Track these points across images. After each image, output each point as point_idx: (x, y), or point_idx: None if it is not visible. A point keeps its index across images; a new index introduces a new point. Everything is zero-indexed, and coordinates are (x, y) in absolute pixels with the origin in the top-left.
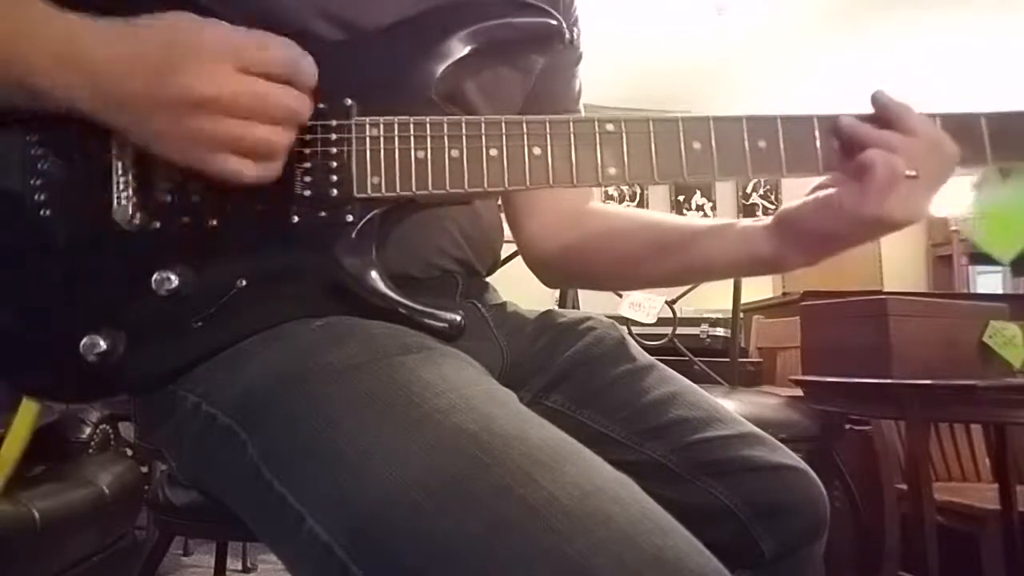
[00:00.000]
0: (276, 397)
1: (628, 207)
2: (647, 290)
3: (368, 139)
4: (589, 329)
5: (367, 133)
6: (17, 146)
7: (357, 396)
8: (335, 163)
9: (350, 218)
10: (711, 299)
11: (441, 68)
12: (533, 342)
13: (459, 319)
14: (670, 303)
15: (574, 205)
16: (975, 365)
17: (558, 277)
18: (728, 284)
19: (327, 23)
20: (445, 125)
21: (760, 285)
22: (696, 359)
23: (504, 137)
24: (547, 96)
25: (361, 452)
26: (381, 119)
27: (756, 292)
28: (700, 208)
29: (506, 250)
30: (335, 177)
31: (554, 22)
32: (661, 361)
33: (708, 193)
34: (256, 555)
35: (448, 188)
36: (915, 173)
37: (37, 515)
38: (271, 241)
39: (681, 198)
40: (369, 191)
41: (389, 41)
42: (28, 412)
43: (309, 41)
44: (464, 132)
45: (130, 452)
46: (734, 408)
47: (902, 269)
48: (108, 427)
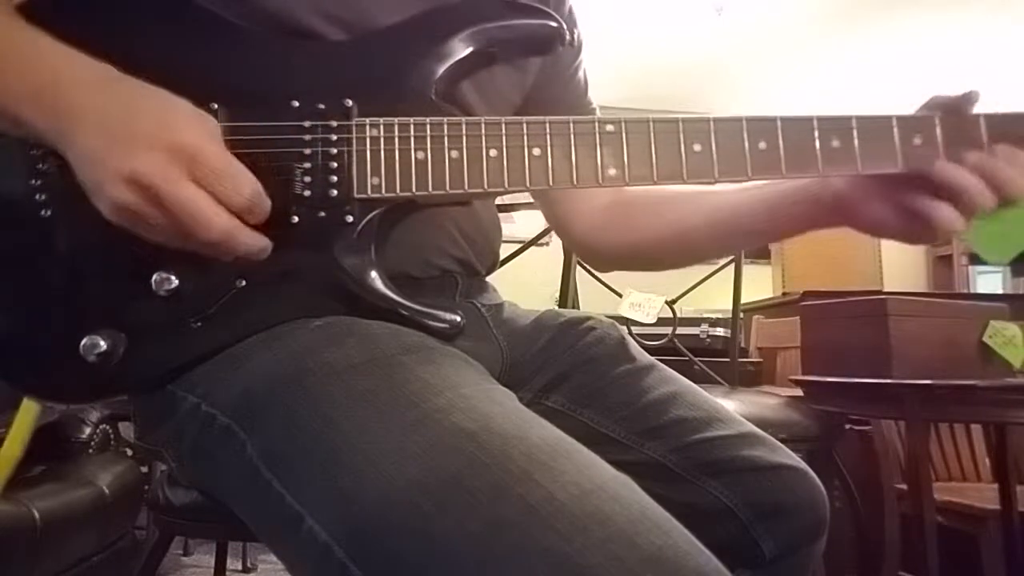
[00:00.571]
0: (275, 397)
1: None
2: (647, 290)
3: (368, 139)
4: (589, 329)
5: (367, 134)
6: (18, 147)
7: (356, 396)
8: (335, 163)
9: (350, 218)
10: (711, 299)
11: (441, 69)
12: (533, 342)
13: (458, 319)
14: (670, 303)
15: (614, 195)
16: (975, 365)
17: (613, 268)
18: (728, 284)
19: (327, 23)
20: (445, 126)
21: (760, 285)
22: (696, 359)
23: (504, 138)
24: (549, 95)
25: (360, 452)
26: (381, 120)
27: (756, 292)
28: None
29: (506, 250)
30: (335, 177)
31: (554, 24)
32: (661, 361)
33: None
34: (256, 555)
35: (448, 189)
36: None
37: (37, 515)
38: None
39: None
40: (369, 192)
41: (389, 42)
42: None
43: (309, 41)
44: (464, 133)
45: (130, 452)
46: (734, 408)
47: (902, 269)
48: (108, 427)
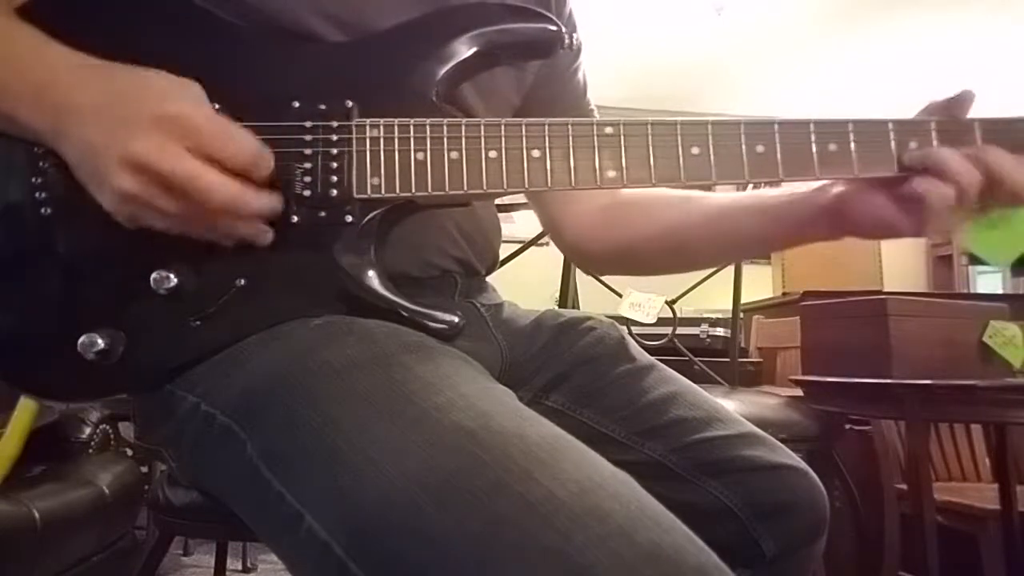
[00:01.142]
0: (275, 396)
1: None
2: (647, 290)
3: (368, 140)
4: (589, 329)
5: (367, 134)
6: (19, 145)
7: (356, 395)
8: (335, 164)
9: (350, 219)
10: (711, 299)
11: (442, 71)
12: (533, 342)
13: (457, 319)
14: (670, 303)
15: (608, 198)
16: (975, 365)
17: (604, 271)
18: (728, 284)
19: (328, 24)
20: (445, 127)
21: (760, 285)
22: (696, 359)
23: (503, 139)
24: (548, 95)
25: (360, 450)
26: (381, 120)
27: (756, 292)
28: None
29: (506, 250)
30: (335, 178)
31: (554, 27)
32: (661, 361)
33: (708, 189)
34: (256, 555)
35: (447, 189)
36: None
37: (37, 515)
38: (272, 240)
39: None
40: (369, 192)
41: (390, 43)
42: (26, 410)
43: (309, 42)
44: (463, 134)
45: (130, 452)
46: (734, 408)
47: (902, 269)
48: (108, 427)
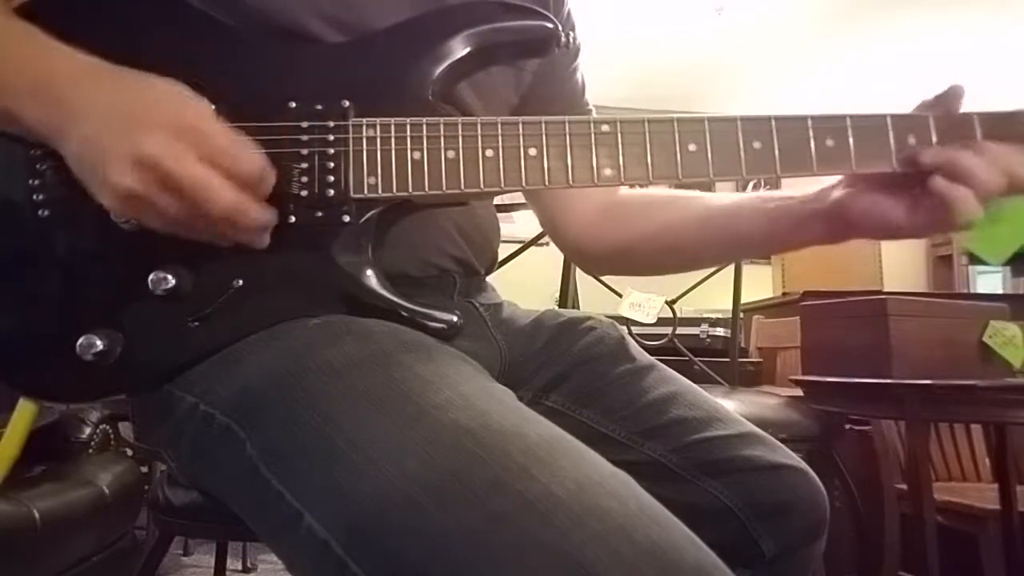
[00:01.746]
0: (274, 396)
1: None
2: (647, 290)
3: (365, 140)
4: (589, 329)
5: (364, 134)
6: (17, 147)
7: (355, 394)
8: (332, 164)
9: (347, 218)
10: (711, 299)
11: (438, 70)
12: (532, 342)
13: (455, 319)
14: (670, 303)
15: (607, 197)
16: (975, 365)
17: (602, 270)
18: (728, 284)
19: (325, 24)
20: (441, 126)
21: (760, 285)
22: (696, 359)
23: (500, 138)
24: (547, 94)
25: (359, 449)
26: (378, 120)
27: (756, 292)
28: None
29: (506, 250)
30: (332, 178)
31: (550, 25)
32: (661, 361)
33: (708, 190)
34: (256, 555)
35: (444, 189)
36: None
37: (37, 515)
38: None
39: None
40: (366, 192)
41: (386, 43)
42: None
43: (305, 42)
44: (460, 133)
45: (130, 452)
46: (734, 408)
47: (902, 269)
48: (108, 427)
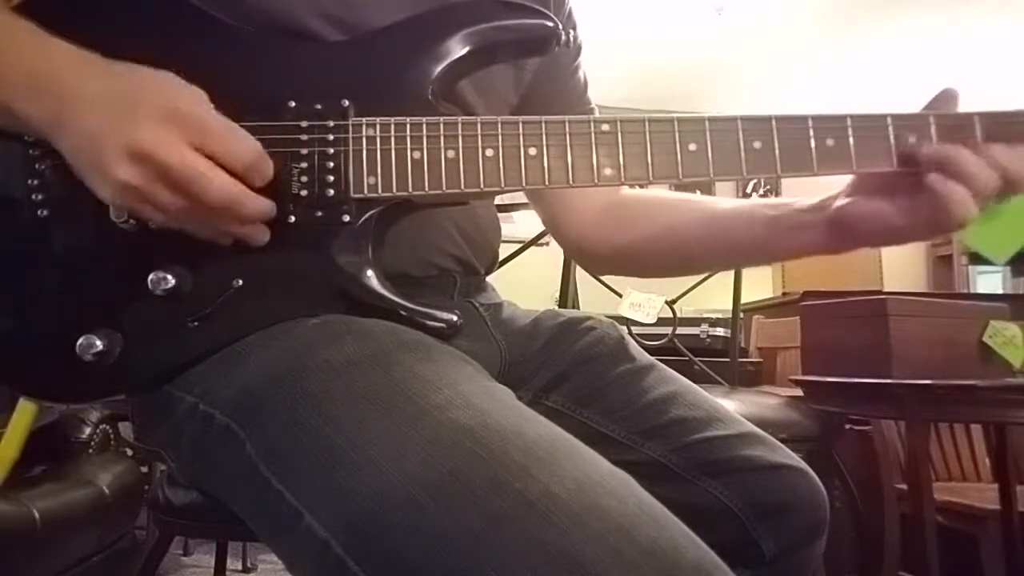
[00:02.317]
0: (274, 395)
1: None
2: (647, 290)
3: (365, 139)
4: (589, 329)
5: (364, 133)
6: (15, 146)
7: (355, 393)
8: (332, 163)
9: (347, 218)
10: (711, 299)
11: (438, 69)
12: (532, 342)
13: (455, 318)
14: (670, 303)
15: (610, 197)
16: (975, 365)
17: (604, 270)
18: (728, 284)
19: (325, 23)
20: (441, 125)
21: (760, 285)
22: (696, 359)
23: (500, 137)
24: (548, 93)
25: (358, 449)
26: (378, 119)
27: (756, 292)
28: None
29: (506, 250)
30: (332, 177)
31: (550, 24)
32: (661, 361)
33: (708, 192)
34: (256, 555)
35: (444, 188)
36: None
37: (37, 515)
38: (268, 241)
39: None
40: (366, 191)
41: (386, 42)
42: (25, 412)
43: (306, 42)
44: (460, 132)
45: (130, 452)
46: (734, 408)
47: (902, 269)
48: (108, 427)
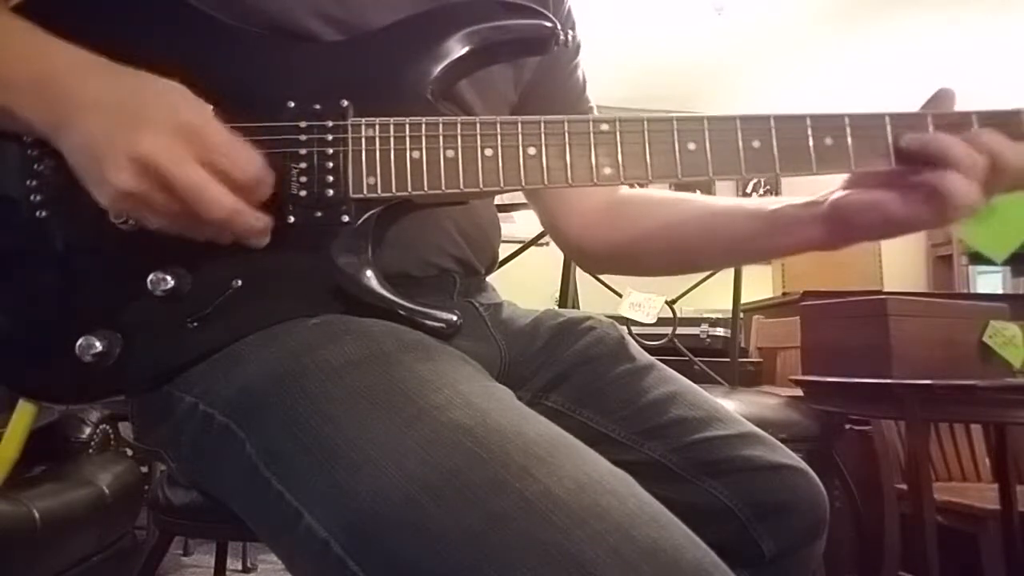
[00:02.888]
0: (273, 395)
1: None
2: (647, 290)
3: (364, 139)
4: (589, 329)
5: (363, 133)
6: (13, 147)
7: (354, 393)
8: (331, 163)
9: (346, 218)
10: (711, 299)
11: (437, 69)
12: (532, 342)
13: (455, 318)
14: (670, 303)
15: (609, 196)
16: (975, 365)
17: (603, 269)
18: (728, 284)
19: (323, 23)
20: (440, 125)
21: (760, 285)
22: (696, 359)
23: (499, 137)
24: (547, 92)
25: (358, 448)
26: (377, 120)
27: (756, 292)
28: None
29: (506, 250)
30: (331, 178)
31: (549, 24)
32: (661, 361)
33: (708, 192)
34: (256, 555)
35: (444, 188)
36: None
37: (37, 515)
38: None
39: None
40: (365, 191)
41: (385, 42)
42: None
43: (305, 42)
44: (459, 132)
45: (130, 452)
46: (734, 408)
47: (902, 269)
48: (108, 427)
